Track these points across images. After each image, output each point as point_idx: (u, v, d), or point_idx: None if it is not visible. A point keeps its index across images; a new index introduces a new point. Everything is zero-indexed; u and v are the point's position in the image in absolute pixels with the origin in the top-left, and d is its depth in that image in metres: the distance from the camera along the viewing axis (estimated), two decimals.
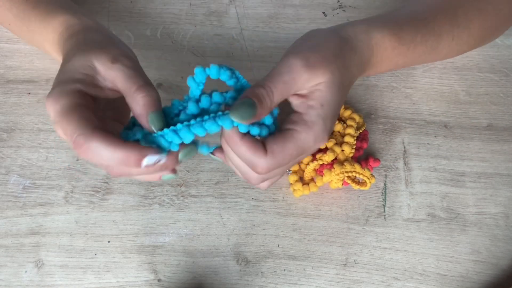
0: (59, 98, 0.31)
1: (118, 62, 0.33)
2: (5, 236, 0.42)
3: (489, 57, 0.52)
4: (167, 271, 0.41)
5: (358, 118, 0.45)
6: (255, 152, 0.33)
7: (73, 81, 0.32)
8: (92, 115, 0.32)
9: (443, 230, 0.43)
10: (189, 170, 0.45)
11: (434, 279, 0.41)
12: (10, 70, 0.50)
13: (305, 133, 0.34)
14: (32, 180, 0.45)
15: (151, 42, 0.52)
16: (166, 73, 0.50)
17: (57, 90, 0.32)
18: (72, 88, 0.32)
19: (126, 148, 0.30)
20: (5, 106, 0.48)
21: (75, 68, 0.33)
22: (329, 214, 0.44)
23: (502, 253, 0.43)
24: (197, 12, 0.55)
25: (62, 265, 0.41)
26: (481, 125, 0.48)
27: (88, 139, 0.30)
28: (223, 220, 0.43)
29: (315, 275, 0.41)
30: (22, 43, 0.52)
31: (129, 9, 0.55)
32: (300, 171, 0.45)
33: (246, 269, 0.42)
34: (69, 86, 0.32)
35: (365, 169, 0.42)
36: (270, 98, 0.33)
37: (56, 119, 0.31)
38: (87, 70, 0.33)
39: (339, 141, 0.44)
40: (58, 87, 0.32)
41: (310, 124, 0.34)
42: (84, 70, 0.33)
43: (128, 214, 0.43)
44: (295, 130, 0.34)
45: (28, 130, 0.47)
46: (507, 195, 0.45)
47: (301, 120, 0.34)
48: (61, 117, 0.31)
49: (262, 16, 0.54)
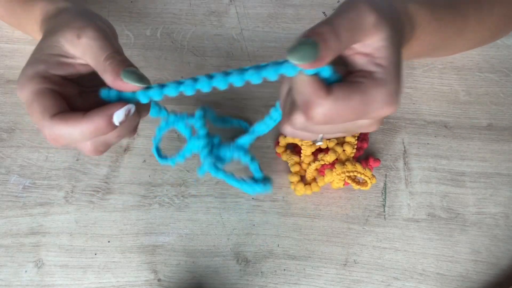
0: (23, 84, 0.30)
1: (84, 35, 0.31)
2: (5, 236, 0.42)
3: (489, 57, 0.52)
4: (167, 271, 0.41)
5: None
6: (317, 90, 0.27)
7: (36, 64, 0.31)
8: (57, 97, 0.30)
9: (443, 230, 0.43)
10: (189, 170, 0.46)
11: (434, 279, 0.41)
12: (10, 70, 0.50)
13: (376, 89, 0.28)
14: (32, 180, 0.45)
15: (151, 42, 0.52)
16: (166, 73, 0.50)
17: (22, 76, 0.31)
18: (33, 72, 0.31)
19: (89, 118, 0.29)
20: (5, 106, 0.48)
21: (41, 50, 0.32)
22: (329, 214, 0.44)
23: (502, 253, 0.43)
24: (197, 12, 0.55)
25: (62, 265, 0.41)
26: (481, 125, 0.48)
27: (50, 127, 0.29)
28: (223, 220, 0.43)
29: (315, 275, 0.41)
30: (22, 43, 0.52)
31: (129, 9, 0.55)
32: (302, 171, 0.45)
33: (246, 269, 0.42)
34: (31, 71, 0.31)
35: (366, 169, 0.42)
36: (336, 37, 0.27)
37: (26, 108, 0.31)
38: (52, 50, 0.31)
39: (340, 141, 0.44)
40: (22, 73, 0.31)
41: (381, 81, 0.28)
42: (49, 51, 0.31)
43: (128, 214, 0.43)
44: (363, 83, 0.28)
45: (28, 130, 0.47)
46: (507, 195, 0.45)
47: (370, 77, 0.29)
48: (28, 105, 0.30)
49: (262, 16, 0.54)
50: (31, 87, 0.30)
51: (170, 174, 0.45)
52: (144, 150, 0.46)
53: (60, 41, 0.32)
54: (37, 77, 0.30)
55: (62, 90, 0.31)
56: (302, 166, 0.45)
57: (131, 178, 0.45)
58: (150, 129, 0.47)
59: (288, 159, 0.45)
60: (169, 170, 0.45)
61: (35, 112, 0.30)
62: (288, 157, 0.45)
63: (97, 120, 0.29)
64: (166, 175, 0.45)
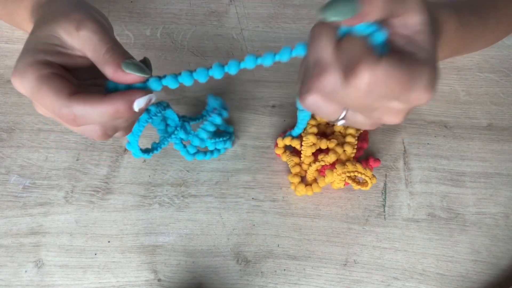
0: (24, 72, 0.29)
1: (83, 28, 0.31)
2: (5, 236, 0.42)
3: (489, 57, 0.52)
4: (167, 271, 0.41)
5: None
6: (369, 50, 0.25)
7: (34, 52, 0.30)
8: (66, 80, 0.30)
9: (443, 230, 0.43)
10: (189, 170, 0.46)
11: (434, 279, 0.41)
12: (10, 70, 0.50)
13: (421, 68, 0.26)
14: (32, 180, 0.45)
15: (151, 42, 0.52)
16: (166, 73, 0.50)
17: (20, 64, 0.29)
18: (33, 60, 0.29)
19: (110, 100, 0.29)
20: (5, 106, 0.48)
21: (38, 39, 0.31)
22: (329, 214, 0.44)
23: (502, 253, 0.43)
24: (197, 12, 0.55)
25: (62, 265, 0.41)
26: (481, 125, 0.48)
27: (69, 106, 0.28)
28: (223, 220, 0.43)
29: (315, 275, 0.41)
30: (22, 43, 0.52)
31: (129, 9, 0.55)
32: (302, 171, 0.45)
33: (246, 269, 0.42)
34: (29, 59, 0.30)
35: (367, 169, 0.42)
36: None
37: (31, 96, 0.30)
38: (50, 40, 0.31)
39: (340, 142, 0.44)
40: (20, 62, 0.30)
41: (425, 62, 0.26)
42: (47, 40, 0.31)
43: (128, 214, 0.43)
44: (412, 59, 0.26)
45: (28, 130, 0.47)
46: (507, 195, 0.45)
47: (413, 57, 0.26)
48: (34, 92, 0.29)
49: (262, 16, 0.54)
50: (34, 73, 0.29)
51: (170, 174, 0.45)
52: None
53: (58, 31, 0.31)
54: (38, 64, 0.30)
55: (66, 77, 0.31)
56: (303, 167, 0.45)
57: (131, 178, 0.45)
58: (150, 129, 0.47)
59: (288, 160, 0.45)
60: (169, 170, 0.45)
61: (48, 95, 0.29)
62: (288, 158, 0.45)
63: (118, 103, 0.29)
64: (166, 175, 0.45)
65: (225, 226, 0.43)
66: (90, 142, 0.47)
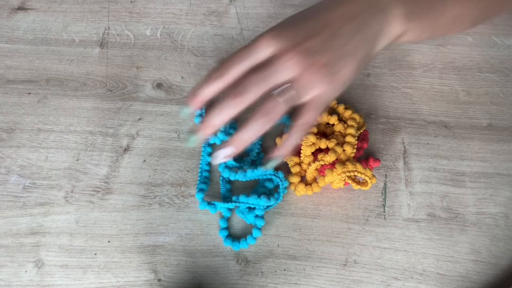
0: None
1: None
2: (5, 236, 0.42)
3: (489, 57, 0.52)
4: (167, 271, 0.41)
5: (358, 118, 0.45)
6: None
7: None
8: None
9: (443, 230, 0.43)
10: (189, 170, 0.46)
11: (434, 279, 0.41)
12: (10, 70, 0.50)
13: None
14: (32, 180, 0.45)
15: (151, 42, 0.52)
16: (166, 73, 0.50)
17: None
18: None
19: None
20: (5, 106, 0.48)
21: None
22: (329, 214, 0.44)
23: (502, 253, 0.43)
24: (197, 12, 0.55)
25: (62, 265, 0.41)
26: (481, 125, 0.48)
27: None
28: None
29: (315, 275, 0.41)
30: (22, 43, 0.52)
31: (129, 9, 0.55)
32: (302, 171, 0.45)
33: (246, 269, 0.42)
34: None
35: (367, 169, 0.42)
36: None
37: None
38: None
39: (340, 141, 0.44)
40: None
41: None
42: None
43: (128, 214, 0.43)
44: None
45: (28, 130, 0.47)
46: (507, 195, 0.45)
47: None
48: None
49: (262, 16, 0.54)
50: None
51: (170, 174, 0.45)
52: (144, 150, 0.46)
53: None
54: None
55: None
56: (302, 166, 0.45)
57: (131, 178, 0.45)
58: (150, 129, 0.47)
59: (288, 160, 0.45)
60: (169, 170, 0.45)
61: None
62: (288, 158, 0.45)
63: None
64: (166, 175, 0.45)
65: None
66: (90, 142, 0.47)
